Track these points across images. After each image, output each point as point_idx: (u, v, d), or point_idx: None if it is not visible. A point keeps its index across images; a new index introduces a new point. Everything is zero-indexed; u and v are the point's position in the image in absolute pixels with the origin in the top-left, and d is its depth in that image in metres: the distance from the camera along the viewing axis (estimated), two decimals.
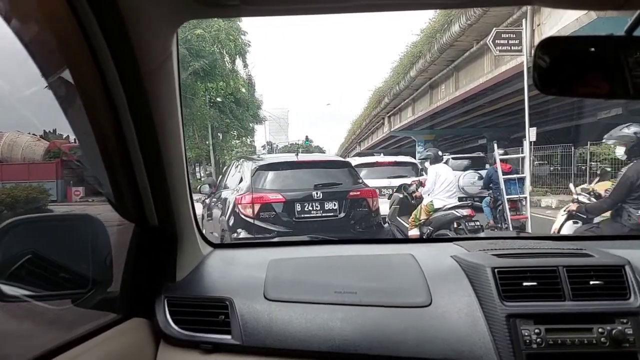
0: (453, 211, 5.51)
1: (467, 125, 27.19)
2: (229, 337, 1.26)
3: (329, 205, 5.29)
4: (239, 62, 23.45)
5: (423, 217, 5.72)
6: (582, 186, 4.95)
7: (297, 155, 5.97)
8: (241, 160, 6.46)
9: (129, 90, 1.00)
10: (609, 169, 14.92)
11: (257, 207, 5.04)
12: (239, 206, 5.09)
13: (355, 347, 1.19)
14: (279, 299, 1.31)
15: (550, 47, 0.96)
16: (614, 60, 0.91)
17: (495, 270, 1.28)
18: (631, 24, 0.94)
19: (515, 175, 7.50)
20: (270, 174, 5.43)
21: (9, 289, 1.09)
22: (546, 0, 0.97)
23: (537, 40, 13.13)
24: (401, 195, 6.54)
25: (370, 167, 7.74)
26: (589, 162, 16.73)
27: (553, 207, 13.49)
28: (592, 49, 0.95)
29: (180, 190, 1.29)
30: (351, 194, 5.42)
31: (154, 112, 1.07)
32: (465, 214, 5.44)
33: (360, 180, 5.87)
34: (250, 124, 28.79)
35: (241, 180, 5.66)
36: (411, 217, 5.90)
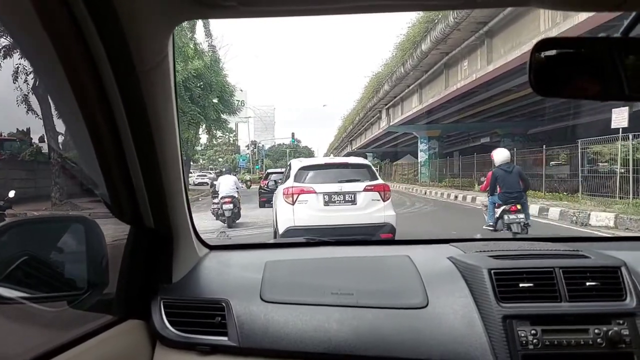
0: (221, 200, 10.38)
1: (477, 119, 22.40)
2: (225, 338, 1.25)
3: None
4: (199, 29, 18.21)
5: None
6: None
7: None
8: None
9: (124, 91, 1.00)
10: (622, 170, 11.68)
11: None
12: None
13: (351, 349, 1.19)
14: (276, 300, 1.31)
15: (547, 48, 0.97)
16: (609, 62, 0.91)
17: (492, 271, 1.28)
18: (627, 25, 0.95)
19: None
20: None
21: (4, 291, 1.09)
22: (544, 2, 0.98)
23: None
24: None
25: (319, 170, 6.76)
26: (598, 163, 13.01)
27: (611, 225, 9.35)
28: (588, 50, 0.95)
29: (176, 191, 1.29)
30: None
31: (150, 112, 1.07)
32: (225, 202, 10.27)
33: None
34: (223, 115, 22.50)
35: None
36: None
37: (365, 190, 6.42)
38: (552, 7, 0.93)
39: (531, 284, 1.26)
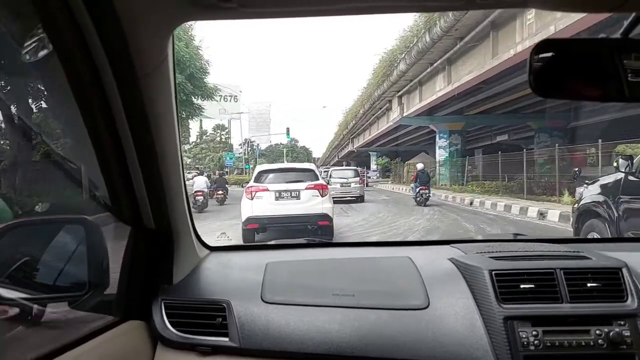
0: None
1: (509, 108, 18.38)
2: (226, 339, 1.26)
3: None
4: None
5: None
6: None
7: None
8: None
9: (125, 94, 1.00)
10: None
11: None
12: None
13: (352, 350, 1.19)
14: (277, 301, 1.31)
15: (547, 49, 0.96)
16: (609, 63, 0.91)
17: (493, 272, 1.28)
18: (627, 26, 0.95)
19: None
20: None
21: (6, 292, 1.09)
22: (542, 3, 0.98)
23: None
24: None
25: (273, 173, 8.76)
26: None
27: None
28: (588, 52, 0.95)
29: (177, 192, 1.29)
30: None
31: (150, 115, 1.07)
32: (198, 194, 13.71)
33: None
34: (195, 100, 17.82)
35: None
36: None
37: (307, 188, 8.22)
38: (553, 7, 0.93)
39: (532, 285, 1.26)
